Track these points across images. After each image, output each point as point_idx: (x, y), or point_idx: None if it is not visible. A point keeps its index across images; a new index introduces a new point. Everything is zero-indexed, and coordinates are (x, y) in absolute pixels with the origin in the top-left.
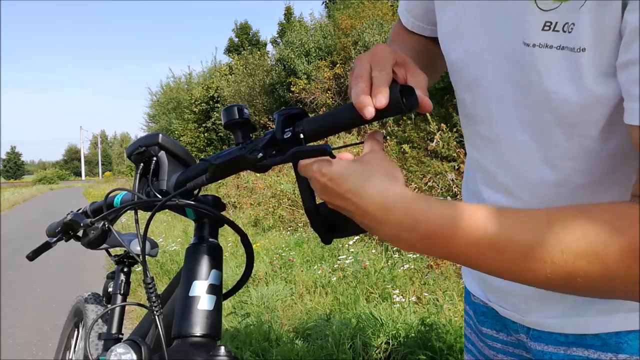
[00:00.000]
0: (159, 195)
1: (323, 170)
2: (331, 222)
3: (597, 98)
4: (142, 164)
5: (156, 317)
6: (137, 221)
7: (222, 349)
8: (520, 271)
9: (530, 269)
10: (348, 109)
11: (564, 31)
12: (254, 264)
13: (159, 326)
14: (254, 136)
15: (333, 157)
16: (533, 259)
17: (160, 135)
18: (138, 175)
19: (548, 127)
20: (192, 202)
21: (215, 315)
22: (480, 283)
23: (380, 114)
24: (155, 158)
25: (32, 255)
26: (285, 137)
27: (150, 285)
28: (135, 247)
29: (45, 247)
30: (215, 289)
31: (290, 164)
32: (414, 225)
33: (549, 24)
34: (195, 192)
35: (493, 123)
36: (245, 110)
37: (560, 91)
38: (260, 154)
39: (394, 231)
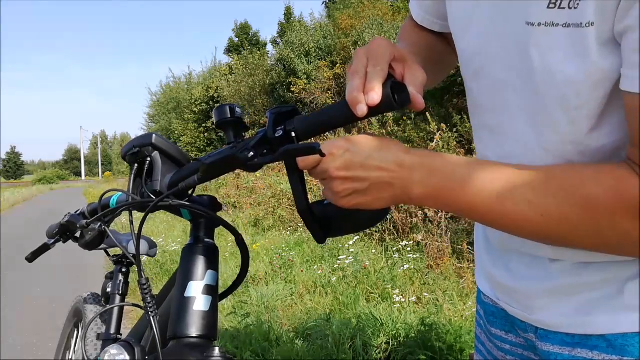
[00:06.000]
0: (152, 196)
1: (333, 165)
2: (325, 221)
3: (604, 73)
4: (136, 165)
5: (151, 318)
6: (131, 222)
7: (217, 350)
8: (519, 223)
9: (529, 220)
10: (340, 106)
11: (570, 8)
12: (253, 264)
13: (154, 327)
14: (247, 135)
15: (323, 155)
16: (533, 212)
17: (154, 135)
18: (132, 175)
19: (550, 112)
20: (185, 203)
21: (211, 315)
22: (489, 281)
23: (373, 110)
24: (149, 158)
25: (31, 257)
26: (276, 135)
27: (145, 286)
28: (132, 248)
29: (44, 248)
30: (211, 290)
31: (297, 164)
32: (427, 176)
33: (554, 1)
34: (191, 192)
35: (496, 112)
36: (238, 109)
37: (566, 70)
38: (251, 153)
39: (408, 184)
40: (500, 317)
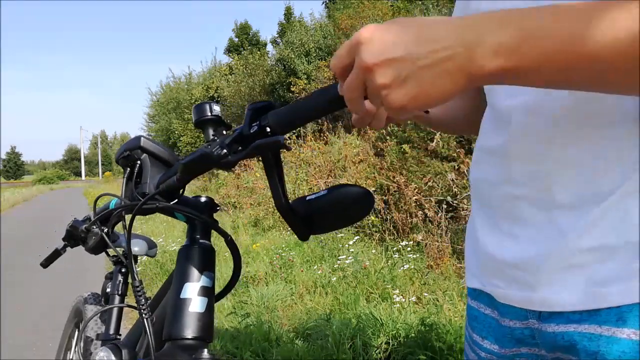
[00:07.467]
0: (141, 199)
1: (364, 54)
2: (308, 218)
3: None
4: (128, 168)
5: (145, 320)
6: (124, 226)
7: (206, 352)
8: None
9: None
10: (313, 98)
11: None
12: (253, 264)
13: (148, 329)
14: (227, 134)
15: (289, 149)
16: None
17: (142, 138)
18: (125, 179)
19: None
20: (169, 204)
21: (206, 317)
22: (482, 266)
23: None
24: (139, 161)
25: (45, 263)
26: (252, 131)
27: (138, 288)
28: (132, 248)
29: (56, 254)
30: (207, 291)
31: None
32: (503, 18)
33: None
34: (181, 192)
35: None
36: (216, 107)
37: None
38: (224, 151)
39: (472, 45)
40: (480, 321)
